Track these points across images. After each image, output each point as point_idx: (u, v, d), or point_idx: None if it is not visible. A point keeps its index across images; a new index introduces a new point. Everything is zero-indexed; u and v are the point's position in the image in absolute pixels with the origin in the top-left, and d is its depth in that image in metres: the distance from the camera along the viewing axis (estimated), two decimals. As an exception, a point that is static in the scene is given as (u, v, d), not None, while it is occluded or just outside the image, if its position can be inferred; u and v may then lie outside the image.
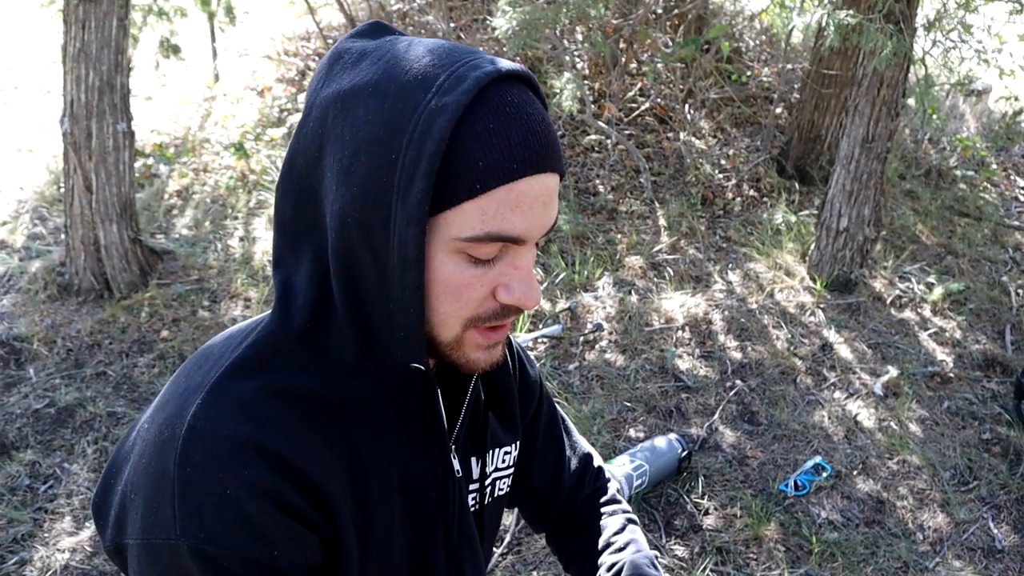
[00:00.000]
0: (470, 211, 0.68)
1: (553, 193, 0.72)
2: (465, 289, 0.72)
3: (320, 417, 0.76)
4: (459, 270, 0.71)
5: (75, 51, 3.39)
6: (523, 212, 0.70)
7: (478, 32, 5.46)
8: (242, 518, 0.70)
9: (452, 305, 0.73)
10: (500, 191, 0.68)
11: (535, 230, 0.71)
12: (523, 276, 0.73)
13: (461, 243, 0.69)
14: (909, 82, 3.96)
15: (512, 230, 0.70)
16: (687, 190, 4.80)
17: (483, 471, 0.98)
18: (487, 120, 0.68)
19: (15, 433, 3.00)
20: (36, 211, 4.38)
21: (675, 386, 3.41)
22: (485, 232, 0.69)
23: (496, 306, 0.74)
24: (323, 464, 0.75)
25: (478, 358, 0.78)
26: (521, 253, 0.73)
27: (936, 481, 3.02)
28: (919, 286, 4.20)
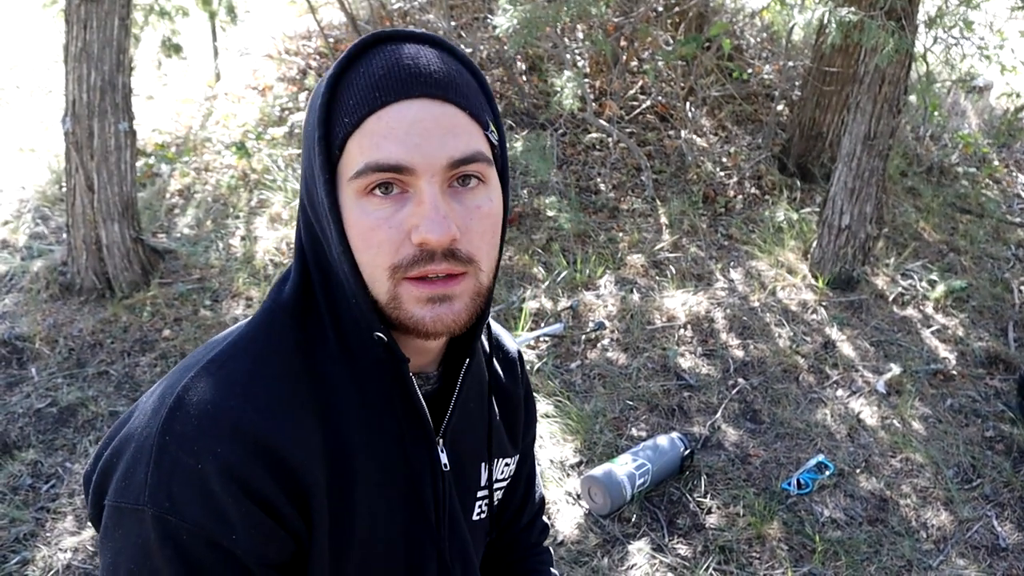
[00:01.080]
0: (352, 149, 0.72)
1: (445, 121, 0.72)
2: (373, 232, 0.72)
3: (307, 399, 0.77)
4: (364, 214, 0.72)
5: (77, 51, 3.39)
6: (398, 139, 0.70)
7: (479, 31, 5.46)
8: (206, 495, 0.70)
9: (368, 253, 0.73)
10: (369, 121, 0.71)
11: (419, 157, 0.70)
12: (425, 211, 0.71)
13: (355, 182, 0.72)
14: (911, 79, 3.96)
15: (389, 157, 0.70)
16: (688, 188, 4.79)
17: (491, 478, 0.97)
18: (359, 68, 0.73)
19: (17, 433, 3.00)
20: (38, 210, 4.38)
21: (677, 384, 3.41)
22: (364, 163, 0.70)
23: (414, 250, 0.72)
24: (305, 449, 0.75)
25: (422, 315, 0.74)
26: (422, 187, 0.71)
27: (939, 479, 3.01)
28: (921, 283, 4.19)
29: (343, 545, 0.80)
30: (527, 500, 1.14)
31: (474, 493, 0.96)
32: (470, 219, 0.74)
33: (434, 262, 0.72)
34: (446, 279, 0.73)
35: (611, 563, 2.58)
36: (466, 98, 0.73)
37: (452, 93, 0.72)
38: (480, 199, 0.74)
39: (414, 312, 0.74)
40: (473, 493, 0.96)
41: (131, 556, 0.72)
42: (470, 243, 0.74)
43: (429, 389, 0.88)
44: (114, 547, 0.73)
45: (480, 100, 0.76)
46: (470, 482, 0.95)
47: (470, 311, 0.76)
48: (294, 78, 5.39)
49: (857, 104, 3.90)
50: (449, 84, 0.73)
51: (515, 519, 1.13)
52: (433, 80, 0.72)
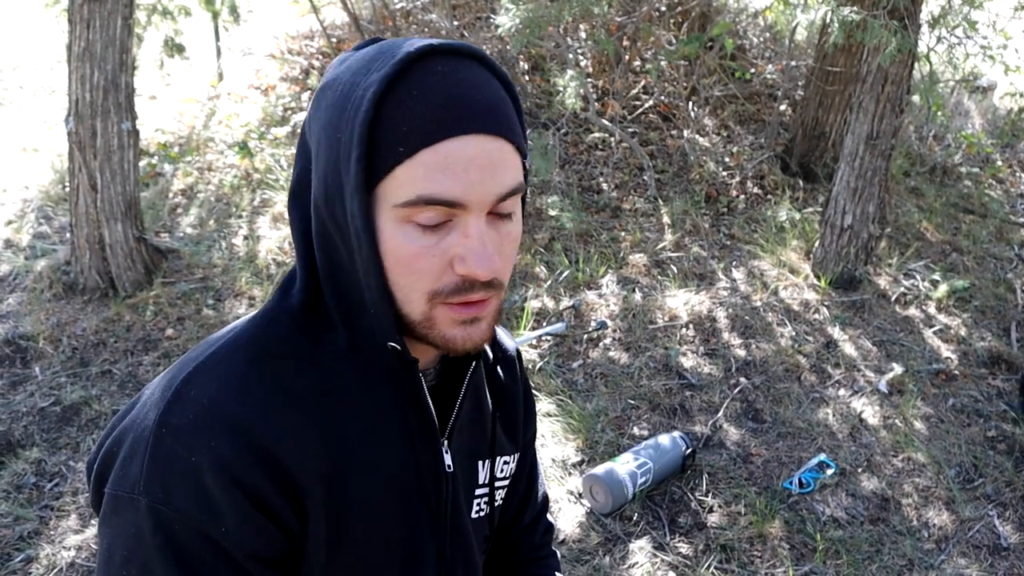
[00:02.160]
0: (401, 177, 0.70)
1: (496, 157, 0.71)
2: (416, 260, 0.72)
3: (308, 399, 0.78)
4: (408, 240, 0.72)
5: (80, 50, 3.40)
6: (455, 174, 0.70)
7: (481, 30, 5.46)
8: (199, 488, 0.72)
9: (408, 278, 0.74)
10: (425, 153, 0.69)
11: (474, 194, 0.71)
12: (474, 245, 0.72)
13: (401, 210, 0.71)
14: (914, 79, 3.95)
15: (445, 193, 0.70)
16: (691, 188, 4.79)
17: (492, 476, 0.97)
18: (411, 87, 0.70)
19: (21, 431, 3.01)
20: (41, 210, 4.39)
21: (679, 384, 3.41)
22: (417, 195, 0.70)
23: (456, 279, 0.73)
24: (302, 447, 0.76)
25: (455, 335, 0.76)
26: (470, 221, 0.72)
27: (941, 479, 3.01)
28: (924, 283, 4.19)
29: (339, 544, 0.80)
30: (528, 497, 1.14)
31: (472, 490, 0.96)
32: (503, 247, 0.75)
33: (474, 291, 0.74)
34: (478, 303, 0.76)
35: (612, 562, 2.59)
36: (512, 130, 0.73)
37: (504, 128, 0.72)
38: (511, 226, 0.76)
39: (447, 332, 0.76)
40: (471, 491, 0.96)
41: (125, 543, 0.73)
42: (502, 270, 0.76)
43: (428, 384, 0.88)
44: (110, 533, 0.75)
45: (519, 126, 0.76)
46: (470, 480, 0.95)
47: (493, 328, 0.80)
48: (297, 78, 5.40)
49: (860, 104, 3.90)
50: (502, 117, 0.72)
51: (517, 517, 1.13)
52: (490, 113, 0.71)
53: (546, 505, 1.19)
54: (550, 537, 1.19)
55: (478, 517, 0.97)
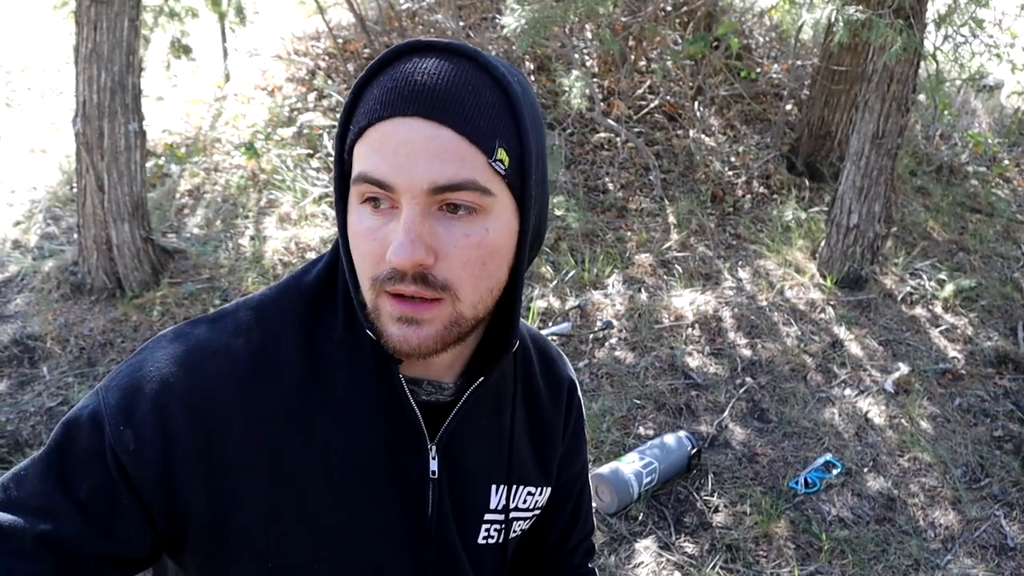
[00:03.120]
0: (356, 155, 0.74)
1: (433, 145, 0.70)
2: (361, 240, 0.74)
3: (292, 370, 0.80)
4: (359, 220, 0.74)
5: (87, 52, 3.42)
6: (386, 155, 0.70)
7: (487, 31, 5.47)
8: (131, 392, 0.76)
9: (358, 260, 0.76)
10: (370, 132, 0.72)
11: (400, 177, 0.70)
12: (400, 232, 0.70)
13: (354, 188, 0.74)
14: (920, 78, 3.94)
15: (373, 171, 0.70)
16: (697, 187, 4.79)
17: (506, 504, 0.93)
18: (386, 75, 0.73)
19: (29, 431, 3.02)
20: (49, 211, 4.41)
21: (685, 383, 3.41)
22: (357, 172, 0.72)
23: (389, 267, 0.72)
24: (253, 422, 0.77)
25: (391, 332, 0.74)
26: (405, 208, 0.70)
27: (947, 478, 3.00)
28: (930, 283, 4.18)
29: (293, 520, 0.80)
30: (575, 523, 1.12)
31: (480, 513, 0.93)
32: (453, 247, 0.72)
33: (403, 282, 0.72)
34: (418, 302, 0.73)
35: (618, 561, 2.59)
36: (469, 122, 0.70)
37: (450, 115, 0.70)
38: (470, 228, 0.72)
39: (386, 327, 0.75)
40: (478, 513, 0.92)
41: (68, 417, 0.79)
42: (448, 270, 0.72)
43: (440, 398, 0.86)
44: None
45: (494, 125, 0.72)
46: (473, 500, 0.92)
47: (441, 338, 0.75)
48: (303, 79, 5.41)
49: (865, 103, 3.89)
50: (450, 105, 0.70)
51: (562, 540, 1.11)
52: (434, 100, 0.70)
53: (592, 531, 1.17)
54: (590, 558, 1.17)
55: (486, 543, 0.94)
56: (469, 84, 0.72)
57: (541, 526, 1.07)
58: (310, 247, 4.09)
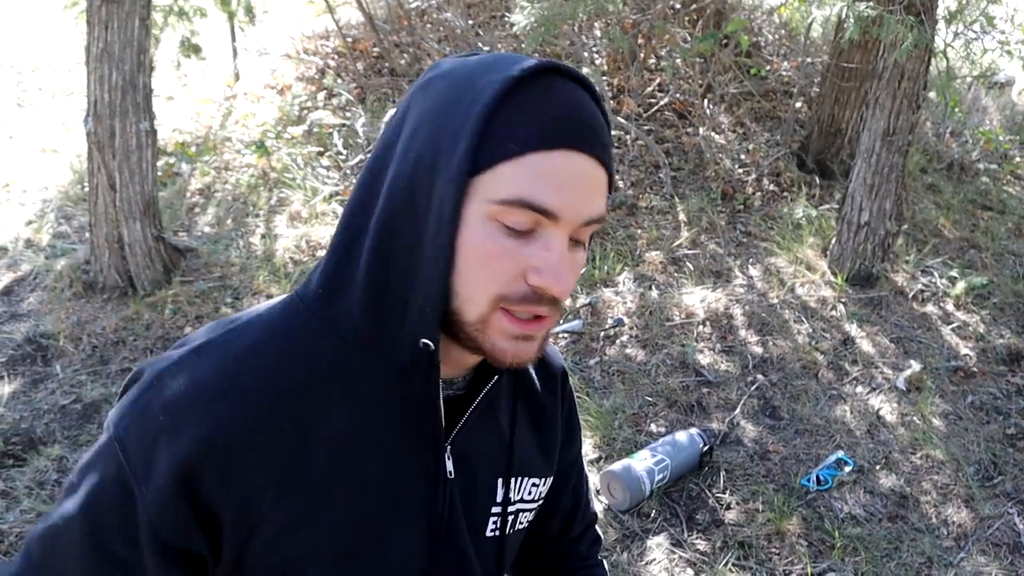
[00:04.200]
0: (505, 174, 0.70)
1: (595, 183, 0.73)
2: (493, 260, 0.72)
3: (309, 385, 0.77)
4: (490, 238, 0.72)
5: (98, 51, 3.43)
6: (557, 186, 0.71)
7: (496, 29, 5.47)
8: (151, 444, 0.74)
9: (479, 275, 0.72)
10: (536, 157, 0.70)
11: (569, 210, 0.71)
12: (553, 259, 0.72)
13: (494, 207, 0.70)
14: (930, 75, 3.93)
15: (543, 201, 0.70)
16: (707, 185, 4.78)
17: (507, 496, 0.94)
18: (534, 95, 0.72)
19: (43, 428, 3.04)
20: (61, 210, 4.43)
21: (696, 381, 3.40)
22: (516, 196, 0.70)
23: (526, 288, 0.73)
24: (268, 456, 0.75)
25: (505, 348, 0.75)
26: (555, 235, 0.72)
27: (960, 476, 2.99)
28: (942, 280, 4.16)
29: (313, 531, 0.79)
30: (576, 511, 1.13)
31: (487, 508, 0.93)
32: (572, 272, 0.76)
33: (541, 304, 0.74)
34: (535, 320, 0.75)
35: (630, 558, 2.59)
36: (611, 163, 0.76)
37: (607, 155, 0.75)
38: (580, 254, 0.77)
39: (497, 343, 0.75)
40: (486, 508, 0.93)
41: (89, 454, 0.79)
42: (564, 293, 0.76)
43: (451, 394, 0.87)
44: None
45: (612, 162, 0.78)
46: (481, 495, 0.92)
47: (541, 349, 0.79)
48: (313, 77, 5.42)
49: (876, 100, 3.88)
50: (604, 144, 0.74)
51: (565, 529, 1.12)
52: (599, 138, 0.73)
53: (593, 521, 1.18)
54: (597, 548, 1.19)
55: (493, 536, 0.94)
56: (602, 120, 0.77)
57: (544, 515, 1.08)
58: (321, 245, 4.10)
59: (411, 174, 0.74)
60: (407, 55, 5.37)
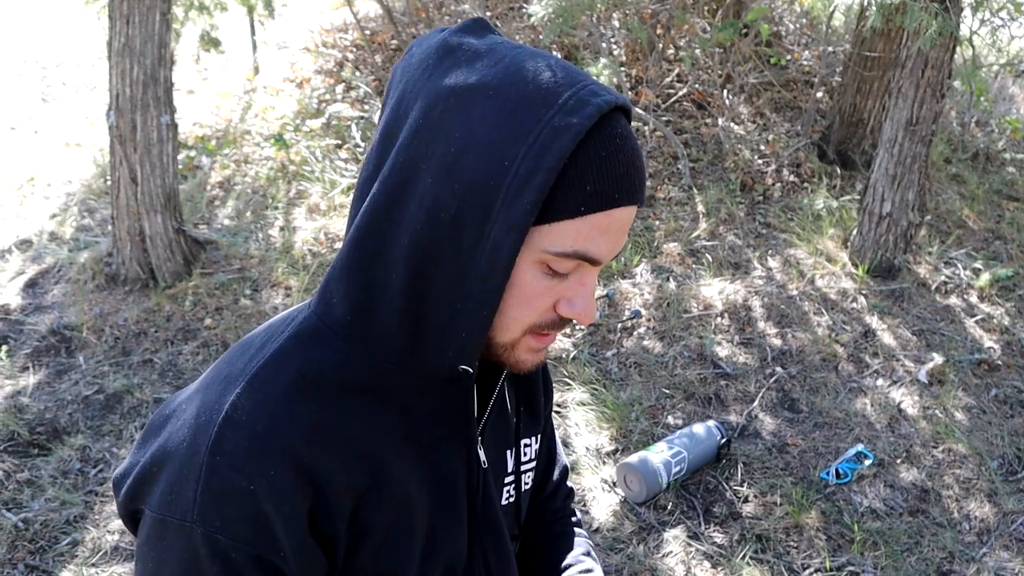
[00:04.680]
0: (567, 229, 0.71)
1: (631, 221, 0.77)
2: (537, 299, 0.76)
3: (355, 409, 0.78)
4: (536, 280, 0.74)
5: (120, 46, 3.47)
6: (609, 237, 0.74)
7: (514, 20, 5.45)
8: (257, 515, 0.71)
9: (521, 311, 0.76)
10: (599, 216, 0.72)
11: (612, 254, 0.76)
12: (587, 293, 0.77)
13: (548, 256, 0.73)
14: (955, 63, 3.87)
15: (596, 252, 0.74)
16: (726, 176, 4.75)
17: (518, 462, 0.99)
18: (600, 148, 0.70)
19: (66, 419, 3.08)
20: (84, 203, 4.49)
21: (714, 373, 3.39)
22: (574, 250, 0.72)
23: (555, 317, 0.78)
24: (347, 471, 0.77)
25: (527, 359, 0.81)
26: (591, 272, 0.77)
27: (983, 470, 2.96)
28: (965, 272, 4.11)
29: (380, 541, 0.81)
30: (549, 470, 1.17)
31: (502, 480, 0.97)
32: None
33: (562, 328, 0.80)
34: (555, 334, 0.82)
35: (647, 550, 2.59)
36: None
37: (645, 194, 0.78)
38: None
39: (521, 357, 0.81)
40: (501, 480, 0.97)
41: (177, 569, 0.73)
42: None
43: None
44: (157, 558, 0.75)
45: None
46: (498, 470, 0.96)
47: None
48: (331, 70, 5.44)
49: (899, 89, 3.83)
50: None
51: (540, 487, 1.16)
52: (644, 188, 0.77)
53: (566, 474, 1.21)
54: (571, 501, 1.23)
55: (508, 503, 0.99)
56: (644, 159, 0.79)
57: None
58: (339, 237, 4.12)
59: (458, 208, 0.70)
60: (425, 47, 5.35)
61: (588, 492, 2.83)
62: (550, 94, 0.69)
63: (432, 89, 0.72)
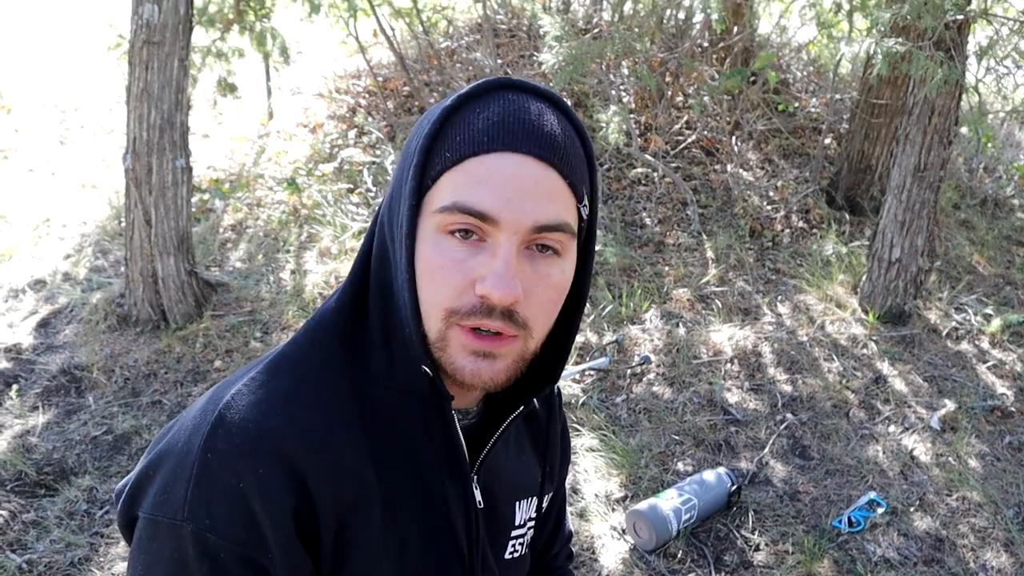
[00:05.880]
0: (445, 184, 0.71)
1: (544, 185, 0.71)
2: (441, 271, 0.71)
3: (346, 425, 0.78)
4: (438, 251, 0.72)
5: (138, 91, 3.53)
6: (493, 188, 0.69)
7: (525, 67, 5.54)
8: (246, 514, 0.71)
9: (431, 290, 0.73)
10: (471, 162, 0.70)
11: (507, 212, 0.70)
12: (497, 266, 0.70)
13: (437, 216, 0.71)
14: (962, 110, 3.90)
15: (478, 203, 0.69)
16: (735, 222, 4.77)
17: (525, 517, 0.97)
18: (477, 107, 0.72)
19: (74, 459, 3.08)
20: (98, 244, 4.53)
21: (724, 419, 3.36)
22: (452, 202, 0.70)
23: (475, 300, 0.71)
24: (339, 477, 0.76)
25: (463, 365, 0.74)
26: (501, 242, 0.70)
27: (999, 519, 2.91)
28: (976, 317, 4.09)
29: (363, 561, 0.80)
30: (558, 531, 1.14)
31: (508, 532, 0.95)
32: (536, 285, 0.73)
33: (490, 317, 0.71)
34: (496, 337, 0.73)
35: (656, 600, 2.54)
36: (570, 166, 0.73)
37: (559, 158, 0.72)
38: (552, 268, 0.74)
39: (456, 359, 0.74)
40: (507, 532, 0.95)
41: (166, 570, 0.73)
42: (529, 308, 0.73)
43: (467, 424, 0.88)
44: (147, 559, 0.74)
45: (583, 171, 0.75)
46: (504, 520, 0.94)
47: (510, 372, 0.76)
48: (344, 116, 5.52)
49: (906, 136, 3.86)
50: (558, 148, 0.72)
51: (545, 549, 1.13)
52: (545, 141, 0.71)
53: (570, 538, 1.20)
54: (571, 562, 1.21)
55: (512, 558, 0.96)
56: (567, 130, 0.74)
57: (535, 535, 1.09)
58: (349, 280, 4.13)
59: (388, 204, 0.77)
60: (436, 94, 5.45)
61: (597, 539, 2.79)
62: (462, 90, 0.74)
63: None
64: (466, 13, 6.33)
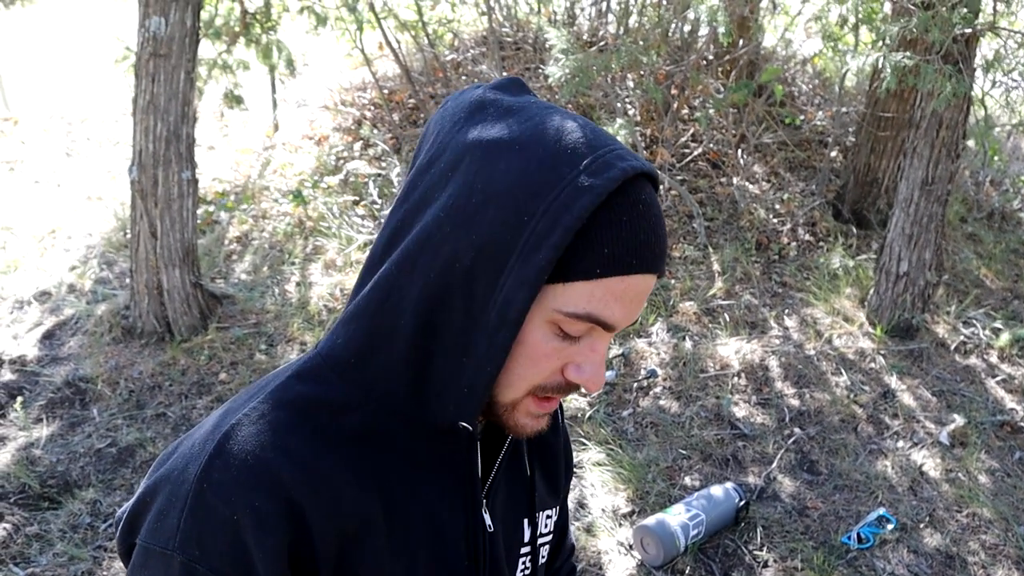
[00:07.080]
0: (580, 290, 0.70)
1: (649, 291, 0.75)
2: (544, 359, 0.74)
3: (350, 452, 0.76)
4: (545, 340, 0.73)
5: (145, 103, 3.54)
6: (624, 304, 0.72)
7: (531, 80, 5.54)
8: (237, 546, 0.70)
9: (527, 371, 0.74)
10: (614, 280, 0.70)
11: (626, 322, 0.74)
12: (596, 360, 0.75)
13: (560, 316, 0.71)
14: (969, 123, 3.89)
15: (610, 317, 0.72)
16: (741, 235, 4.75)
17: (535, 534, 0.96)
18: (622, 212, 0.70)
19: (78, 472, 3.07)
20: (104, 256, 4.53)
21: (731, 434, 3.34)
22: (586, 312, 0.71)
23: (561, 381, 0.76)
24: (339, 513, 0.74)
25: (525, 424, 0.79)
26: (603, 338, 0.75)
27: (1010, 536, 2.88)
28: (985, 331, 4.06)
29: None
30: (560, 546, 1.14)
31: (517, 550, 0.94)
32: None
33: (570, 392, 0.78)
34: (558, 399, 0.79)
35: (664, 617, 2.52)
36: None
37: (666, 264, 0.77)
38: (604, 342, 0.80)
39: (520, 420, 0.78)
40: (516, 550, 0.94)
41: None
42: None
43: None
44: None
45: None
46: (512, 539, 0.93)
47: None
48: (349, 128, 5.53)
49: (914, 149, 3.85)
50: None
51: (550, 561, 1.12)
52: (665, 258, 0.75)
53: (572, 551, 1.19)
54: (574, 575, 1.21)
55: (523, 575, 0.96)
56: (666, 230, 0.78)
57: None
58: (355, 293, 4.12)
59: (473, 259, 0.70)
60: (443, 106, 5.45)
61: (604, 555, 2.77)
62: (576, 154, 0.69)
63: (460, 141, 0.73)
64: (472, 26, 6.35)
